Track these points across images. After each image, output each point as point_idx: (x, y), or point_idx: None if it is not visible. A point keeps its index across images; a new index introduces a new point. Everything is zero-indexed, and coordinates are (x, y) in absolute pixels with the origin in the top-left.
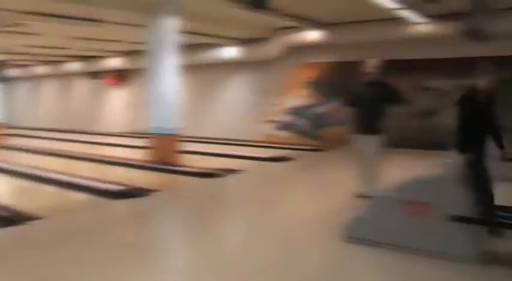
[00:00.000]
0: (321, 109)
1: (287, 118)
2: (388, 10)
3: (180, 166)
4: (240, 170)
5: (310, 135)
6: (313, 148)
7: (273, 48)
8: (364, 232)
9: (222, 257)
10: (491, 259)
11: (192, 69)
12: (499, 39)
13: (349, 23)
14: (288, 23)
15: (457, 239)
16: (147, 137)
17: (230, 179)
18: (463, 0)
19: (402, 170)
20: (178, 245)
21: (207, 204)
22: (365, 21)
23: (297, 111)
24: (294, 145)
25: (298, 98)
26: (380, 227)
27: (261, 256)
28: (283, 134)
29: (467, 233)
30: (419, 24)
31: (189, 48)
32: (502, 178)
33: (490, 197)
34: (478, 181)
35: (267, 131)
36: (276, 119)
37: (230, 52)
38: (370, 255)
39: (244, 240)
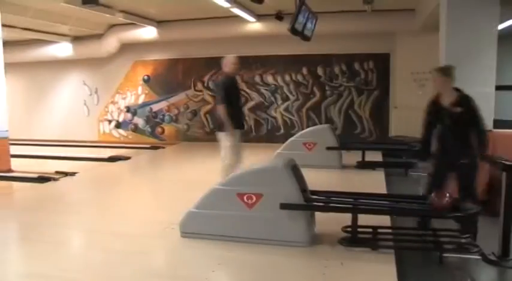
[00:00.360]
0: (157, 106)
1: (124, 116)
2: (222, 8)
3: (9, 171)
4: (76, 173)
5: (147, 133)
6: (150, 145)
7: (107, 45)
8: (198, 225)
9: (63, 266)
10: (317, 240)
11: (21, 67)
12: (322, 39)
13: (184, 20)
14: (121, 19)
15: (289, 225)
16: None
17: (65, 182)
18: (288, 3)
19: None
20: (10, 257)
21: (39, 211)
22: (199, 19)
23: (134, 109)
24: (131, 143)
25: (135, 95)
26: (214, 220)
27: (99, 258)
28: (120, 133)
29: (297, 218)
30: (252, 23)
31: (17, 45)
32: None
33: None
34: None
35: (104, 130)
36: (113, 117)
37: (62, 49)
38: (205, 248)
39: (82, 244)
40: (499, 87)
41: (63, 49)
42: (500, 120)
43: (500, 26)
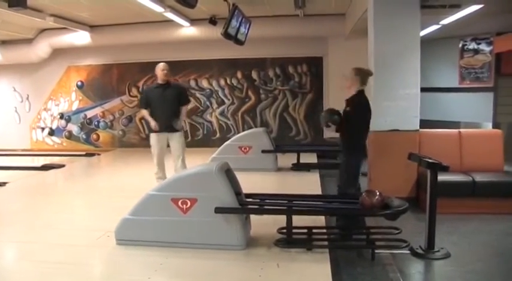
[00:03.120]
0: (92, 112)
1: (57, 123)
2: (157, 13)
3: None
4: (7, 182)
5: (82, 140)
6: (85, 152)
7: (38, 50)
8: (134, 232)
9: None
10: (253, 243)
11: None
12: (256, 43)
13: (118, 25)
14: (52, 23)
15: (225, 229)
16: None
17: None
18: (222, 7)
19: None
20: None
21: None
22: (134, 23)
23: (67, 116)
24: (66, 151)
25: (69, 102)
26: (149, 226)
27: (33, 271)
28: (54, 141)
29: (233, 222)
30: (186, 27)
31: None
32: None
33: None
34: None
35: (37, 138)
36: (46, 125)
37: None
38: (141, 255)
39: (13, 256)
40: (423, 89)
41: None
42: (426, 121)
43: (422, 32)
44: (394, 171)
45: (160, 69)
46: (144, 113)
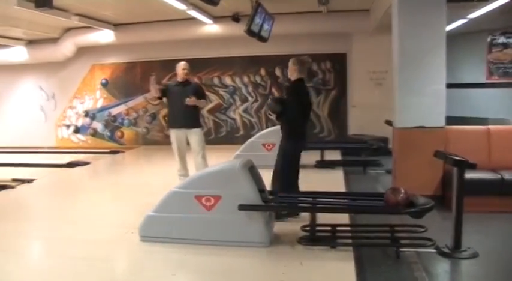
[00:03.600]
0: (116, 110)
1: (82, 121)
2: (179, 10)
3: None
4: (34, 179)
5: (106, 138)
6: (110, 150)
7: (64, 49)
8: (158, 229)
9: (19, 275)
10: (276, 240)
11: None
12: (279, 40)
13: (142, 23)
14: (78, 23)
15: (248, 226)
16: None
17: (24, 189)
18: (244, 4)
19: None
20: None
21: None
22: (157, 22)
23: (92, 114)
24: (90, 148)
25: (93, 100)
26: (173, 223)
27: (58, 266)
28: (79, 138)
29: (257, 219)
30: (209, 25)
31: None
32: None
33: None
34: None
35: (62, 135)
36: (71, 122)
37: (17, 54)
38: (165, 252)
39: (43, 255)
40: (450, 85)
41: (18, 53)
42: (452, 117)
43: (449, 27)
44: (419, 168)
45: (181, 68)
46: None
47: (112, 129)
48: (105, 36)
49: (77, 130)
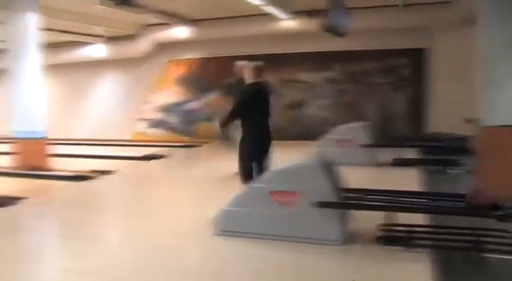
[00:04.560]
0: (192, 105)
1: (159, 116)
2: (254, 6)
3: (49, 170)
4: (113, 171)
5: (182, 132)
6: (185, 144)
7: (141, 45)
8: (232, 223)
9: (100, 262)
10: (350, 239)
11: (59, 68)
12: (354, 35)
13: (217, 19)
14: (155, 19)
15: (323, 223)
16: (12, 142)
17: (103, 181)
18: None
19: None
20: (52, 253)
21: (79, 209)
22: (232, 17)
23: (168, 109)
24: (167, 142)
25: (169, 95)
26: (249, 218)
27: (136, 256)
28: (156, 132)
29: (331, 217)
30: (284, 20)
31: (55, 46)
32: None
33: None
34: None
35: (139, 129)
36: (148, 117)
37: (98, 50)
38: (242, 246)
39: (121, 244)
40: None
41: (99, 50)
42: None
43: None
44: (507, 169)
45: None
46: None
47: (187, 124)
48: (182, 32)
49: (153, 124)
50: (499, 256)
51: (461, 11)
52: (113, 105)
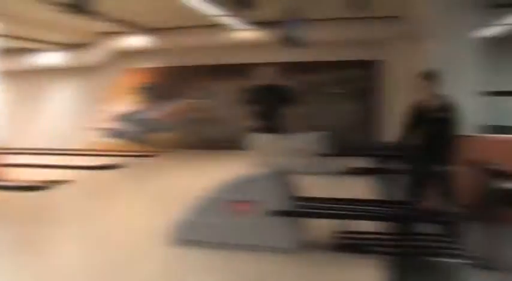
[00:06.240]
0: (149, 115)
1: (116, 125)
2: (211, 17)
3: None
4: (68, 181)
5: (140, 142)
6: (143, 154)
7: (98, 53)
8: (191, 233)
9: (52, 275)
10: (305, 246)
11: (13, 76)
12: (311, 46)
13: (175, 28)
14: (112, 27)
15: (277, 232)
16: None
17: (57, 191)
18: (278, 10)
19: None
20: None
21: (30, 221)
22: (190, 27)
23: (125, 118)
24: (124, 152)
25: (127, 104)
26: (206, 227)
27: (94, 269)
28: (113, 141)
29: (286, 225)
30: (241, 31)
31: (9, 53)
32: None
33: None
34: None
35: (96, 138)
36: (105, 126)
37: (53, 58)
38: (199, 255)
39: (74, 255)
40: (493, 93)
41: (55, 57)
42: (495, 126)
43: (490, 32)
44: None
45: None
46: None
47: (146, 133)
48: (139, 40)
49: (111, 134)
50: (446, 260)
51: (411, 25)
52: (69, 114)
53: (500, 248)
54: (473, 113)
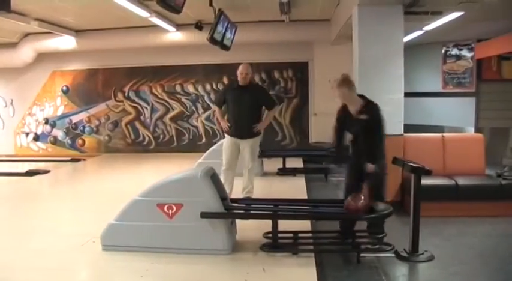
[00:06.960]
0: (77, 117)
1: (42, 129)
2: (142, 18)
3: None
4: None
5: (67, 145)
6: (70, 158)
7: (22, 54)
8: (120, 238)
9: None
10: (238, 247)
11: None
12: (242, 48)
13: (102, 29)
14: (37, 28)
15: (210, 233)
16: None
17: None
18: (208, 12)
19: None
20: None
21: None
22: (119, 28)
23: (52, 121)
24: (51, 156)
25: (54, 107)
26: (135, 231)
27: (17, 278)
28: (39, 146)
29: (218, 227)
30: (172, 32)
31: None
32: None
33: None
34: None
35: (21, 143)
36: (30, 130)
37: None
38: (127, 260)
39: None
40: (407, 94)
41: None
42: (410, 125)
43: (407, 38)
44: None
45: (239, 73)
46: (217, 112)
47: (73, 137)
48: (66, 42)
49: (37, 138)
50: (373, 255)
51: (339, 29)
52: None
53: (421, 240)
54: (396, 114)
